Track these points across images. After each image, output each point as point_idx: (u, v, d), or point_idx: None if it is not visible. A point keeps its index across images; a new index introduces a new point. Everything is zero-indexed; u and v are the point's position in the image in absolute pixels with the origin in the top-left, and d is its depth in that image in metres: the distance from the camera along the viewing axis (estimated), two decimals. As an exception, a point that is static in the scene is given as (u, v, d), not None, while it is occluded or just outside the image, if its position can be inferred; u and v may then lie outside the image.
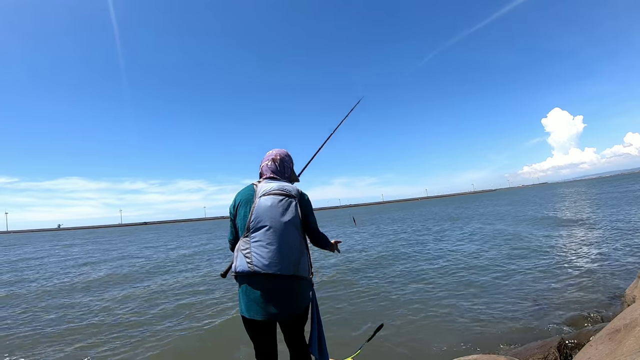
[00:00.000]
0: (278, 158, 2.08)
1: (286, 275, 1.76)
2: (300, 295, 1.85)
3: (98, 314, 5.91)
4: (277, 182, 1.96)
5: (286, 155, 2.15)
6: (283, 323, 1.88)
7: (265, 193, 1.86)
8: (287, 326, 1.90)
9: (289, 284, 1.78)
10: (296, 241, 1.83)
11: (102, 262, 14.05)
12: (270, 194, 1.85)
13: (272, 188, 1.88)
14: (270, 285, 1.75)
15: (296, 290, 1.82)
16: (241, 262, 1.78)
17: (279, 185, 1.90)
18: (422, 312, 4.84)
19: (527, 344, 3.34)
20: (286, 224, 1.80)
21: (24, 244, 32.56)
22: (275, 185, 1.90)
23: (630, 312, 2.61)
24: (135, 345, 4.34)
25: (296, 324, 1.90)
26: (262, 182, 1.97)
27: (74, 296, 7.47)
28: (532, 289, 5.37)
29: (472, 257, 8.50)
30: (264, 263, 1.73)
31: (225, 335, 4.52)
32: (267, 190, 1.87)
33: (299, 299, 1.84)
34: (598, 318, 3.81)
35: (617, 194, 26.62)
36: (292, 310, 1.81)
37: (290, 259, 1.78)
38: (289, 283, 1.79)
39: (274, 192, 1.86)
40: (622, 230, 9.96)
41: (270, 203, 1.82)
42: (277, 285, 1.76)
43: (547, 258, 7.46)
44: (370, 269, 8.26)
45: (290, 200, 1.86)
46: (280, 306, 1.77)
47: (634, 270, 5.64)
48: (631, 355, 1.86)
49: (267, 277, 1.74)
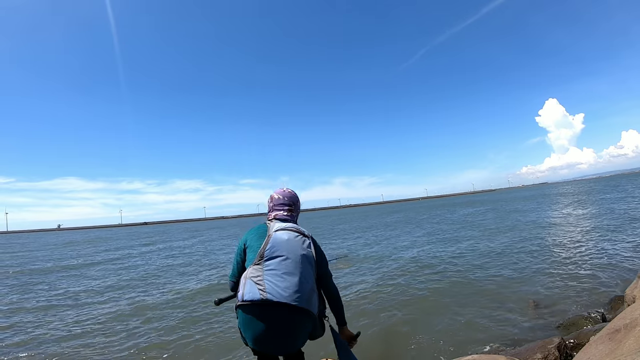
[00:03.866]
0: (293, 208, 2.08)
1: (299, 307, 1.67)
2: (306, 332, 1.78)
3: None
4: (290, 223, 1.97)
5: (298, 200, 2.15)
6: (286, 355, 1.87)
7: (280, 228, 1.86)
8: (289, 357, 1.91)
9: (299, 317, 1.70)
10: (310, 277, 1.79)
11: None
12: (286, 230, 1.86)
13: (287, 226, 1.89)
14: (281, 316, 1.66)
15: (305, 325, 1.75)
16: (251, 290, 1.66)
17: (293, 225, 1.93)
18: (422, 313, 4.84)
19: (527, 344, 3.33)
20: (302, 258, 1.78)
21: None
22: (289, 224, 1.93)
23: (630, 312, 2.60)
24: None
25: (297, 356, 1.93)
26: (274, 222, 1.96)
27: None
28: (531, 289, 5.36)
29: (471, 256, 8.50)
30: (279, 292, 1.64)
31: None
32: (282, 227, 1.88)
33: (304, 336, 1.78)
34: (598, 318, 3.81)
35: (618, 194, 26.63)
36: (296, 346, 1.77)
37: (305, 292, 1.71)
38: (300, 316, 1.70)
39: (290, 228, 1.88)
40: (622, 230, 9.96)
41: (287, 237, 1.82)
42: (287, 317, 1.66)
43: (546, 258, 7.46)
44: (360, 270, 8.26)
45: (305, 238, 1.87)
46: (286, 339, 1.70)
47: (634, 270, 5.64)
48: (631, 355, 1.85)
49: (278, 306, 1.64)
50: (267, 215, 2.09)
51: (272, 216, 2.03)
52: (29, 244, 33.94)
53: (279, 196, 2.08)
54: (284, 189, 2.12)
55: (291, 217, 2.04)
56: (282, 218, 2.00)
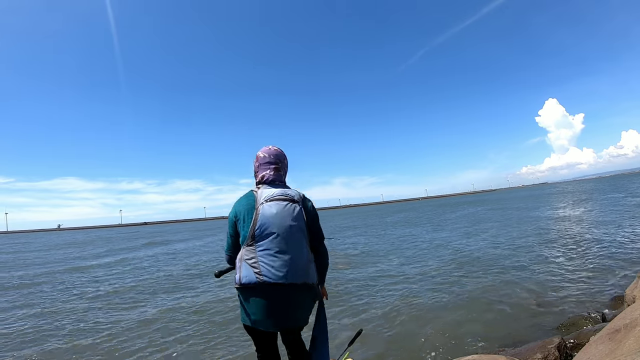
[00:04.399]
0: (280, 165, 1.96)
1: (297, 283, 1.69)
2: (309, 305, 1.81)
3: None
4: (278, 187, 1.87)
5: (285, 157, 2.02)
6: (287, 330, 1.86)
7: (267, 199, 1.76)
8: (290, 333, 1.88)
9: (299, 293, 1.72)
10: (304, 247, 1.76)
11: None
12: (274, 199, 1.76)
13: (275, 194, 1.79)
14: (280, 295, 1.68)
15: (305, 299, 1.78)
16: (247, 273, 1.68)
17: (281, 191, 1.81)
18: (421, 313, 4.84)
19: (527, 344, 3.33)
20: (293, 230, 1.73)
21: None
22: (277, 191, 1.82)
23: (630, 312, 2.60)
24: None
25: (296, 334, 1.90)
26: (262, 187, 1.87)
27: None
28: (531, 289, 5.36)
29: (470, 256, 8.51)
30: (274, 273, 1.65)
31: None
32: (269, 196, 1.78)
33: (307, 309, 1.81)
34: (598, 318, 3.80)
35: (618, 194, 26.62)
36: (300, 320, 1.78)
37: (300, 267, 1.71)
38: (299, 292, 1.72)
39: (277, 197, 1.77)
40: (622, 229, 9.95)
41: (276, 210, 1.73)
42: (286, 295, 1.69)
43: (546, 258, 7.46)
44: (351, 269, 8.27)
45: (294, 205, 1.78)
46: (288, 316, 1.72)
47: (634, 270, 5.63)
48: (631, 355, 1.85)
49: (276, 287, 1.66)
50: (255, 177, 1.98)
51: (259, 178, 1.93)
52: (33, 243, 33.94)
53: (264, 154, 1.96)
54: (270, 147, 1.99)
55: (278, 177, 1.93)
56: (269, 180, 1.90)
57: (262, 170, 1.93)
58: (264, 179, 1.91)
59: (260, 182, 1.93)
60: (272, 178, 1.90)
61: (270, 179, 1.90)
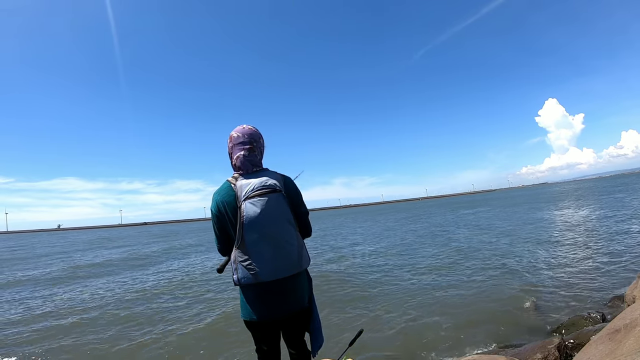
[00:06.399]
0: (254, 145, 1.83)
1: (292, 274, 1.75)
2: (306, 286, 1.88)
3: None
4: (256, 176, 1.75)
5: (260, 137, 1.88)
6: (287, 321, 1.84)
7: (248, 196, 1.66)
8: (291, 323, 1.86)
9: (295, 280, 1.78)
10: (293, 237, 1.75)
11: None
12: (255, 195, 1.66)
13: (255, 187, 1.68)
14: (278, 288, 1.73)
15: (303, 282, 1.84)
16: (244, 275, 1.69)
17: (260, 182, 1.70)
18: (421, 314, 4.84)
19: (527, 344, 3.34)
20: (280, 224, 1.70)
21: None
22: (256, 182, 1.70)
23: (630, 312, 2.60)
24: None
25: (300, 319, 1.88)
26: (239, 179, 1.74)
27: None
28: (531, 289, 5.36)
29: (470, 256, 8.51)
30: (270, 271, 1.67)
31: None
32: (250, 191, 1.67)
33: (305, 289, 1.87)
34: (598, 318, 3.80)
35: (618, 194, 26.62)
36: (299, 304, 1.81)
37: (293, 258, 1.74)
38: (296, 279, 1.78)
39: (258, 191, 1.67)
40: (622, 229, 9.95)
41: (260, 208, 1.65)
42: (284, 287, 1.74)
43: (546, 257, 7.46)
44: (351, 269, 8.27)
45: (276, 195, 1.70)
46: (287, 304, 1.76)
47: (634, 270, 5.64)
48: (631, 355, 1.86)
49: (274, 282, 1.71)
50: (230, 159, 1.87)
51: (234, 159, 1.81)
52: (42, 243, 33.95)
53: (237, 134, 1.84)
54: (244, 126, 1.87)
55: (253, 157, 1.81)
56: (243, 164, 1.79)
57: (236, 150, 1.82)
58: (237, 162, 1.80)
59: (235, 167, 1.83)
60: (249, 161, 1.80)
61: (245, 163, 1.79)
